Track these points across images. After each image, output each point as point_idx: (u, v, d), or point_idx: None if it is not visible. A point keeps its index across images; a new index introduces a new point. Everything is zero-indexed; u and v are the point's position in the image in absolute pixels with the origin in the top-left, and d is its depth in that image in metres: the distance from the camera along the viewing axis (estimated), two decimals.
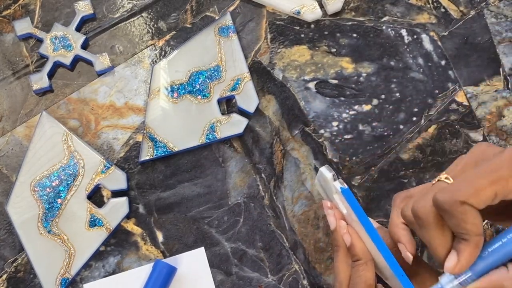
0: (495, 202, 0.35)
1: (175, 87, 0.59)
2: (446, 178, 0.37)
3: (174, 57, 0.60)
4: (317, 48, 0.62)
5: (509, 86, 0.61)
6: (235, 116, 0.59)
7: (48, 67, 0.60)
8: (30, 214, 0.55)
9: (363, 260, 0.46)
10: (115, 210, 0.56)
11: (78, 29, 0.62)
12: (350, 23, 0.63)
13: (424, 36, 0.63)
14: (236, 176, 0.58)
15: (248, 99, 0.59)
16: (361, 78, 0.61)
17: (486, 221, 0.57)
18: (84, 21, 0.62)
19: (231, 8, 0.63)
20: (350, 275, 0.47)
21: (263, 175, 0.58)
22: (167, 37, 0.62)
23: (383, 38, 0.63)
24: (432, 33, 0.63)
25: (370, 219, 0.46)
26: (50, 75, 0.60)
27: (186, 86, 0.59)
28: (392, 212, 0.45)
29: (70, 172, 0.56)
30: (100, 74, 0.61)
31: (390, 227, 0.45)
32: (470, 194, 0.34)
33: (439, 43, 0.63)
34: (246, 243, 0.56)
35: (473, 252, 0.36)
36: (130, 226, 0.56)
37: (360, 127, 0.60)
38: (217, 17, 0.63)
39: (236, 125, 0.58)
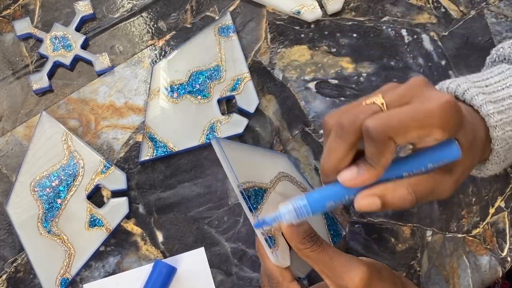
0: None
1: (175, 87, 0.59)
2: (382, 104, 0.38)
3: (174, 57, 0.60)
4: (317, 48, 0.62)
5: None
6: (235, 116, 0.59)
7: (48, 67, 0.60)
8: (30, 214, 0.55)
9: (282, 282, 0.44)
10: (115, 210, 0.56)
11: (78, 29, 0.62)
12: (350, 23, 0.63)
13: (424, 36, 0.63)
14: None
15: (248, 99, 0.59)
16: (361, 78, 0.61)
17: (486, 221, 0.57)
18: (84, 21, 0.62)
19: (231, 8, 0.63)
20: None
21: None
22: (167, 37, 0.62)
23: (383, 38, 0.63)
24: (432, 33, 0.63)
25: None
26: (50, 75, 0.60)
27: (186, 86, 0.59)
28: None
29: (70, 172, 0.56)
30: (100, 74, 0.61)
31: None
32: (400, 133, 0.36)
33: (439, 43, 0.63)
34: (246, 243, 0.56)
35: (372, 178, 0.38)
36: (130, 226, 0.56)
37: None
38: (217, 17, 0.63)
39: (236, 125, 0.58)
